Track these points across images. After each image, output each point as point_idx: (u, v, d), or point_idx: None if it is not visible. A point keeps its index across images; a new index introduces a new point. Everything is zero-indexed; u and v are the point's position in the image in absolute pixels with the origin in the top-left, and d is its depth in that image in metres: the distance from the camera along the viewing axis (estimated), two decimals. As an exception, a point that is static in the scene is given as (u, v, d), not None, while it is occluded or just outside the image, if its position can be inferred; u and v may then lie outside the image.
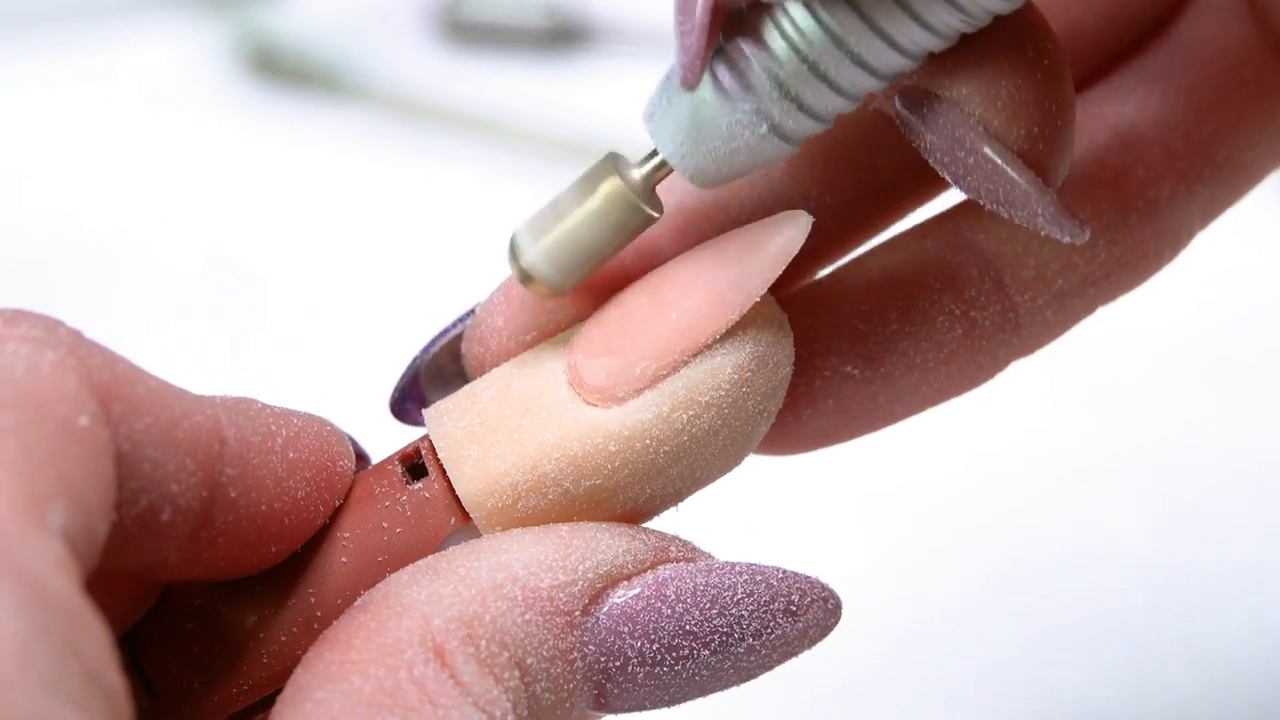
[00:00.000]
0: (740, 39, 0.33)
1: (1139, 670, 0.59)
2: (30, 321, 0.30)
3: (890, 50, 0.32)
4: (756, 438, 0.35)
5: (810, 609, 0.34)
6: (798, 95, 0.33)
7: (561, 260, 0.34)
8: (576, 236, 0.34)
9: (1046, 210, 0.33)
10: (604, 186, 0.34)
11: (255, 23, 0.87)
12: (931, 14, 0.32)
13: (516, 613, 0.33)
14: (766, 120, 0.33)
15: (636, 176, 0.34)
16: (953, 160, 0.34)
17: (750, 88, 0.33)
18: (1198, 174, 0.39)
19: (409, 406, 0.38)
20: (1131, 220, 0.38)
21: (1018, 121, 0.34)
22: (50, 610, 0.26)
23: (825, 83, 0.33)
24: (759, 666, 0.34)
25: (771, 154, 0.34)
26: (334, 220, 0.79)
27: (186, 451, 0.31)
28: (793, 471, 0.41)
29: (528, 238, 0.34)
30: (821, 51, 0.32)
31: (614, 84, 0.84)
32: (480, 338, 0.37)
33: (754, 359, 0.35)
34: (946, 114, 0.34)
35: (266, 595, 0.35)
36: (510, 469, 0.34)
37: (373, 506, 0.35)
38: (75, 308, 0.77)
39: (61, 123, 0.85)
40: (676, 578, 0.34)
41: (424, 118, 0.83)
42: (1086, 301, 0.39)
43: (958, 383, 0.39)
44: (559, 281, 0.34)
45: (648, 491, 0.35)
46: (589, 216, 0.34)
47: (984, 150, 0.33)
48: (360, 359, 0.69)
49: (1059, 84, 0.34)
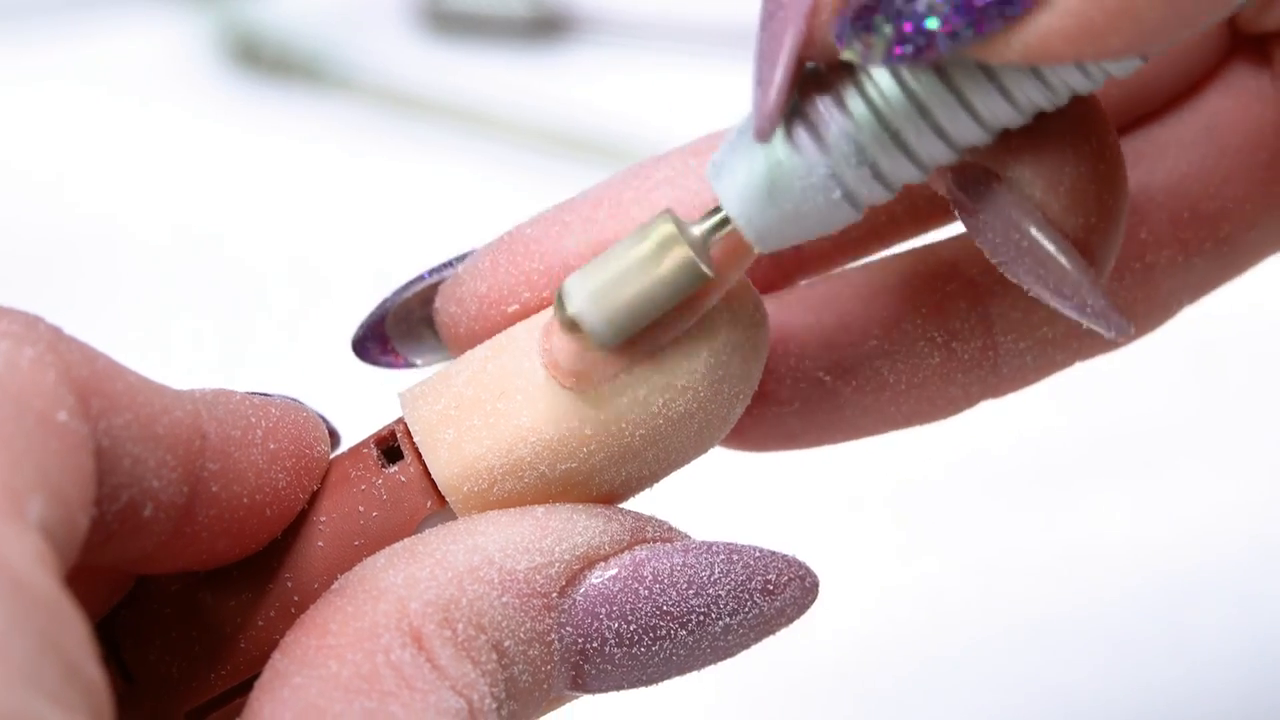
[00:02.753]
0: (819, 98, 0.32)
1: (1124, 663, 0.59)
2: (9, 318, 0.30)
3: (971, 122, 0.32)
4: (731, 421, 0.35)
5: (787, 587, 0.34)
6: (874, 161, 0.32)
7: (612, 317, 0.33)
8: (635, 298, 0.33)
9: (1095, 302, 0.33)
10: (665, 248, 0.33)
11: (238, 14, 0.87)
12: (1017, 88, 0.32)
13: (493, 595, 0.33)
14: (840, 186, 0.32)
15: (697, 234, 0.34)
16: (1004, 241, 0.33)
17: (827, 150, 0.32)
18: (1198, 246, 0.39)
19: (369, 346, 0.38)
20: (1126, 280, 0.38)
21: (1076, 210, 0.33)
22: (28, 604, 0.26)
23: (903, 151, 0.32)
24: (736, 645, 0.34)
25: (839, 220, 0.33)
26: (317, 211, 0.79)
27: (167, 447, 0.31)
28: (775, 461, 0.41)
29: (579, 288, 0.34)
30: (904, 119, 0.32)
31: (597, 74, 0.83)
32: (459, 299, 0.37)
33: (729, 343, 0.35)
34: (1004, 195, 0.33)
35: (243, 580, 0.35)
36: (485, 452, 0.34)
37: (348, 490, 0.35)
38: (58, 297, 0.77)
39: (44, 114, 0.84)
40: (653, 558, 0.34)
41: (407, 108, 0.83)
42: (1068, 354, 0.38)
43: (925, 411, 0.38)
44: (607, 337, 0.34)
45: (623, 474, 0.34)
46: (645, 276, 0.33)
47: (1037, 235, 0.33)
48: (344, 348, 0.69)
49: (1118, 176, 0.34)
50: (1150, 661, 0.59)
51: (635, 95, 0.79)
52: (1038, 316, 0.38)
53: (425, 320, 0.37)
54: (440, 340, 0.38)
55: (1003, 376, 0.38)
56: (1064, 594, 0.61)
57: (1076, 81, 0.32)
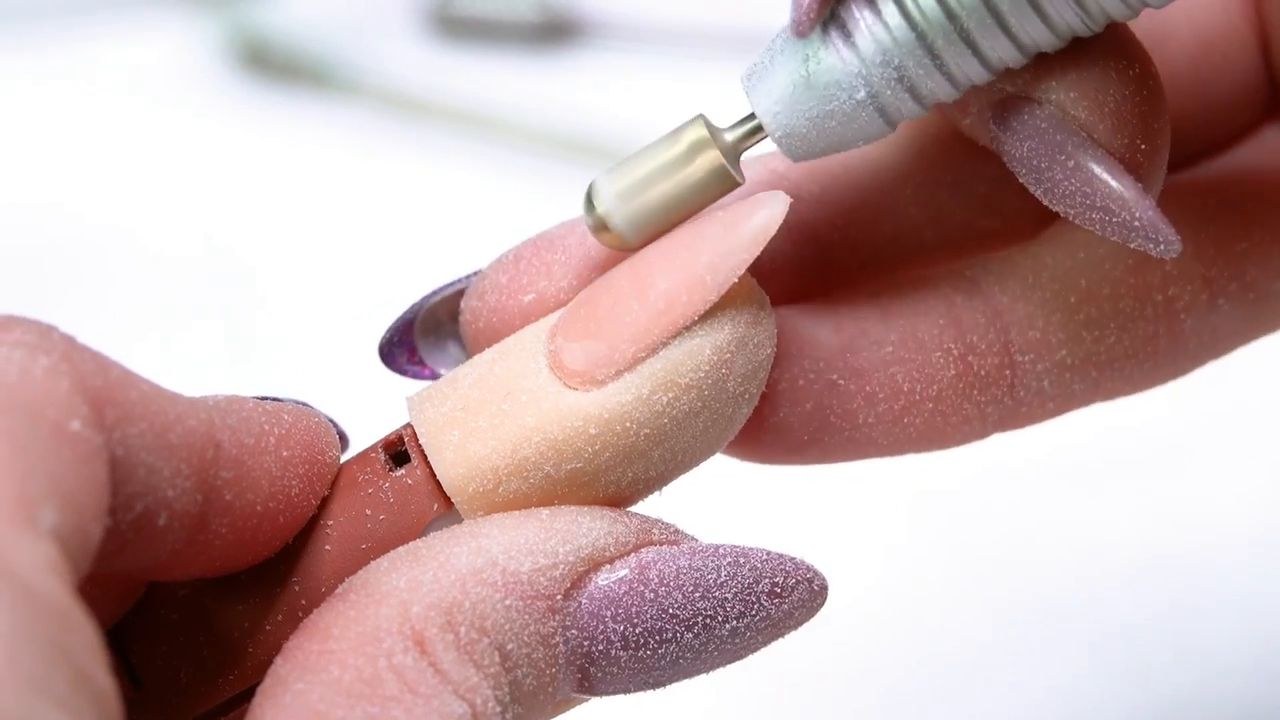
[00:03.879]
0: (855, 4, 0.33)
1: (1127, 666, 0.59)
2: (24, 327, 0.30)
3: (1006, 39, 0.32)
4: (739, 420, 0.35)
5: (795, 590, 0.34)
6: (902, 68, 0.33)
7: (639, 216, 0.34)
8: (659, 194, 0.34)
9: (1145, 216, 0.33)
10: (697, 149, 0.34)
11: (246, 18, 0.87)
12: (1054, 9, 0.32)
13: (497, 598, 0.33)
14: (866, 86, 0.33)
15: (729, 139, 0.34)
16: (1049, 166, 0.33)
17: (857, 51, 0.33)
18: (1223, 287, 0.38)
19: (397, 353, 0.38)
20: (1148, 312, 0.38)
21: (1122, 129, 0.33)
22: (38, 611, 0.26)
23: (933, 61, 0.33)
24: (743, 649, 0.34)
25: (864, 128, 0.33)
26: (325, 215, 0.79)
27: (181, 457, 0.31)
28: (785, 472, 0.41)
29: (608, 187, 0.35)
30: (937, 28, 0.32)
31: (605, 79, 0.84)
32: (481, 292, 0.37)
33: (734, 340, 0.34)
34: (1048, 119, 0.33)
35: (251, 585, 0.35)
36: (491, 453, 0.34)
37: (356, 494, 0.35)
38: (66, 303, 0.77)
39: (53, 118, 0.85)
40: (659, 560, 0.34)
41: (415, 113, 0.83)
42: (1087, 385, 0.38)
43: (939, 429, 0.38)
44: (632, 235, 0.35)
45: (629, 475, 0.34)
46: (676, 177, 0.34)
47: (1085, 156, 0.33)
48: (351, 352, 0.69)
49: (1159, 99, 0.34)
50: (1157, 662, 0.59)
51: (642, 100, 0.79)
52: (1056, 338, 0.38)
53: (452, 330, 0.38)
54: (465, 350, 0.38)
55: (1019, 401, 0.38)
56: (1069, 595, 0.61)
57: (1113, 7, 0.32)
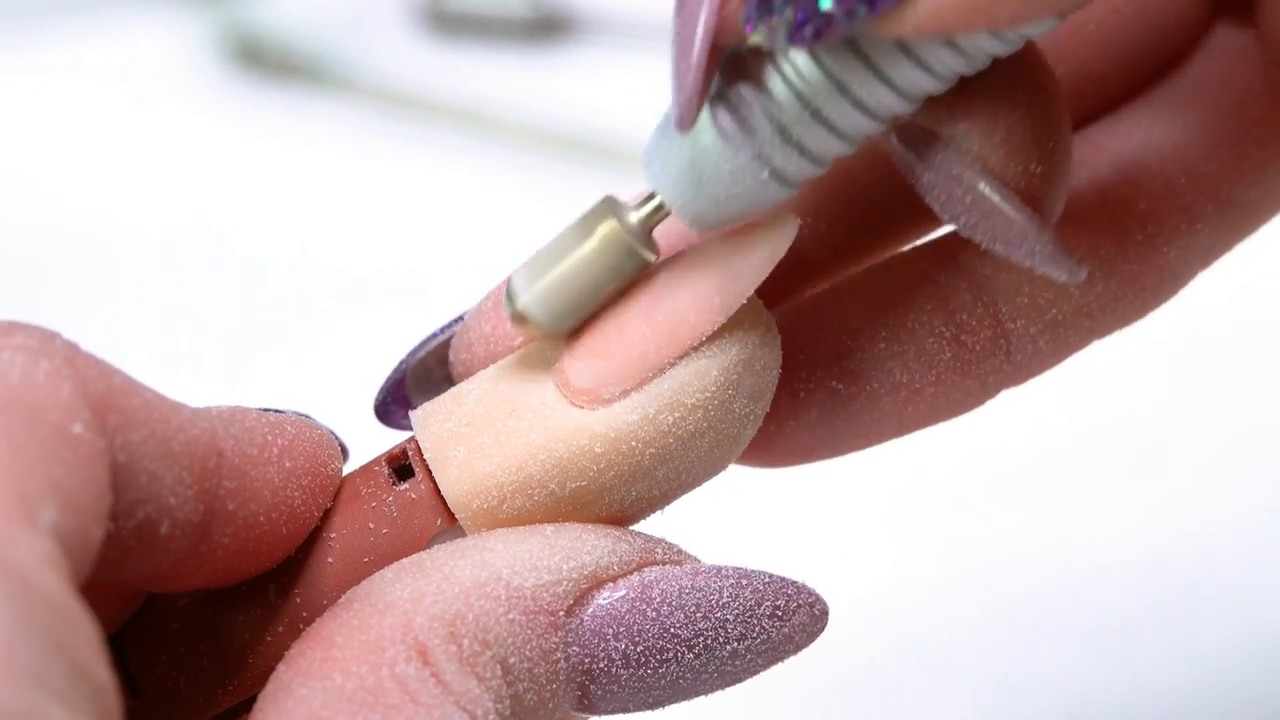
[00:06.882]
0: (740, 83, 0.32)
1: (1126, 662, 0.59)
2: (26, 332, 0.30)
3: (891, 93, 0.32)
4: (743, 441, 0.35)
5: (796, 614, 0.34)
6: (799, 140, 0.32)
7: (556, 304, 0.34)
8: (572, 280, 0.34)
9: (1043, 248, 0.33)
10: (600, 229, 0.34)
11: (239, 15, 0.87)
12: (933, 58, 0.32)
13: (500, 612, 0.33)
14: (767, 165, 0.33)
15: (634, 220, 0.34)
16: (949, 198, 0.34)
17: (751, 132, 0.32)
18: (1199, 211, 0.38)
19: (393, 409, 0.38)
20: (1130, 254, 0.38)
21: (1015, 158, 0.33)
22: (36, 605, 0.26)
23: (826, 127, 0.32)
24: (744, 671, 0.34)
25: (771, 197, 0.33)
26: (318, 212, 0.79)
27: (184, 465, 0.31)
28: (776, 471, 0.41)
29: (524, 281, 0.34)
30: (823, 96, 0.32)
31: (598, 75, 0.83)
32: (467, 344, 0.37)
33: (740, 361, 0.35)
34: (944, 151, 0.33)
35: (252, 596, 0.35)
36: (495, 470, 0.34)
37: (359, 508, 0.35)
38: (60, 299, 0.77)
39: (45, 115, 0.84)
40: (662, 580, 0.34)
41: (408, 109, 0.83)
42: (1081, 333, 0.38)
43: (944, 406, 0.38)
44: (552, 325, 0.34)
45: (634, 493, 0.35)
46: (584, 259, 0.34)
47: (980, 187, 0.33)
48: (346, 351, 0.69)
49: (1056, 121, 0.34)
50: (1151, 661, 0.59)
51: (636, 96, 0.79)
52: (1044, 299, 0.38)
53: (445, 379, 0.37)
54: None
55: (1017, 364, 0.38)
56: (1064, 594, 0.61)
57: (991, 46, 0.32)
